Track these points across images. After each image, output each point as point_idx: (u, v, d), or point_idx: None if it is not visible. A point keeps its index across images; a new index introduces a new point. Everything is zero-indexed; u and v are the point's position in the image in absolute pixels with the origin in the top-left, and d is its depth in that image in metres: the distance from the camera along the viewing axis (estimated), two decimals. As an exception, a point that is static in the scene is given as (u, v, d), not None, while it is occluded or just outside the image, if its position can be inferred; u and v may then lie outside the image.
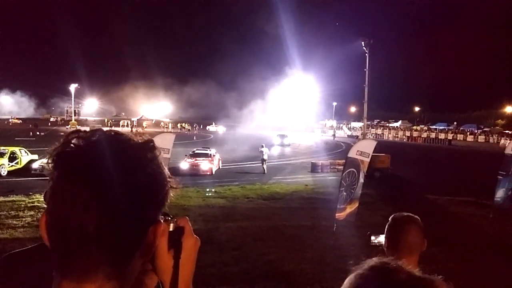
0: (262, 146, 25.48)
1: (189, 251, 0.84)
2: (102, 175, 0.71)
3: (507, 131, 78.53)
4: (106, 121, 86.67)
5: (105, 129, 0.81)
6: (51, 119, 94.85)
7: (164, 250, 0.82)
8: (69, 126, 71.08)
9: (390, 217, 2.28)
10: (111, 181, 0.71)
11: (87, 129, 0.81)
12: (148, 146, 0.80)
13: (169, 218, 0.83)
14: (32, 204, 14.07)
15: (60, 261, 0.73)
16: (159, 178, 0.79)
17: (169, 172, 0.83)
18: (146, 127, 74.67)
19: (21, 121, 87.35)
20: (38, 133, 50.53)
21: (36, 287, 1.02)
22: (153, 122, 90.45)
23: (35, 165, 20.99)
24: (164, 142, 9.67)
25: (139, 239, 0.76)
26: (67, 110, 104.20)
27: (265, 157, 25.35)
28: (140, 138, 0.81)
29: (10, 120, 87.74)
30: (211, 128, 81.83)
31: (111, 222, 0.71)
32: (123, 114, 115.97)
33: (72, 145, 0.75)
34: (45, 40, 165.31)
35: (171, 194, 0.83)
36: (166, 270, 0.82)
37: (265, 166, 25.11)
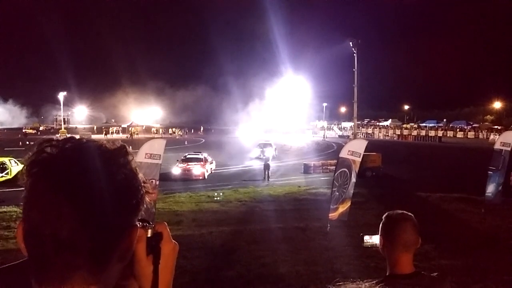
0: (270, 145, 24.98)
1: (167, 256, 0.83)
2: (74, 182, 0.72)
3: (496, 127, 79.28)
4: (95, 128, 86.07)
5: (77, 137, 0.81)
6: (41, 128, 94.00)
7: (143, 256, 0.81)
8: (59, 134, 70.59)
9: (384, 216, 2.29)
10: (83, 187, 0.72)
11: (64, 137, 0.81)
12: (120, 152, 0.80)
13: (147, 224, 0.83)
14: (21, 215, 13.90)
15: (36, 269, 0.73)
16: (132, 183, 0.79)
17: (144, 177, 0.84)
18: (135, 133, 74.06)
19: (35, 130, 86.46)
20: (27, 142, 50.15)
21: None
22: (143, 128, 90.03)
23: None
24: (155, 148, 9.59)
25: (115, 244, 0.76)
26: (56, 118, 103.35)
27: (270, 161, 24.40)
28: (112, 144, 0.81)
29: (24, 130, 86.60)
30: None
31: (84, 228, 0.71)
32: (113, 120, 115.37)
33: (44, 153, 0.75)
34: (34, 48, 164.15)
35: (147, 199, 0.83)
36: (146, 276, 0.82)
37: (268, 174, 23.21)
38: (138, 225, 0.81)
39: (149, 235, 0.82)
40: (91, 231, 0.72)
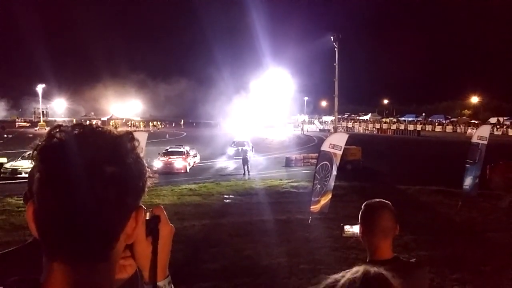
0: (244, 145, 24.76)
1: (165, 238, 0.90)
2: (86, 166, 0.76)
3: (473, 121, 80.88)
4: (74, 121, 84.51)
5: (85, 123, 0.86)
6: (18, 122, 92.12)
7: (142, 237, 0.87)
8: (38, 127, 69.22)
9: (363, 204, 2.37)
10: (94, 171, 0.76)
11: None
12: (127, 137, 0.84)
13: (145, 208, 0.88)
14: (3, 208, 13.70)
15: (49, 248, 0.78)
16: (139, 166, 0.84)
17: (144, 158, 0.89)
18: (114, 127, 73.10)
19: (29, 124, 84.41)
20: (5, 135, 49.15)
21: None
22: (123, 121, 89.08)
23: (4, 168, 20.48)
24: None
25: (123, 224, 0.82)
26: (34, 111, 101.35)
27: (248, 156, 23.87)
28: (119, 131, 0.86)
29: (16, 122, 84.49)
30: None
31: (96, 209, 0.76)
32: (92, 113, 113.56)
33: (55, 139, 0.79)
34: (13, 40, 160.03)
35: (149, 183, 0.88)
36: (145, 257, 0.89)
37: (247, 168, 22.66)
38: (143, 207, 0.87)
39: (147, 218, 0.88)
40: (102, 213, 0.77)
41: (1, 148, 31.76)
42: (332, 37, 40.13)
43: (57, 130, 0.80)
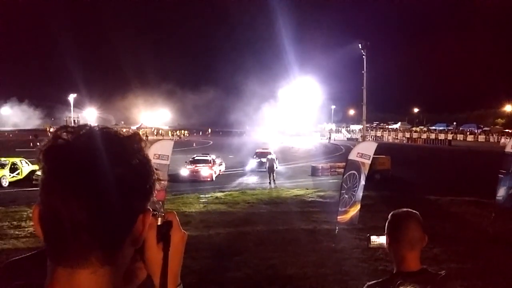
0: (270, 154, 24.67)
1: (177, 244, 0.87)
2: (91, 167, 0.74)
3: (507, 130, 78.61)
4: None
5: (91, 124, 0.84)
6: (51, 130, 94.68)
7: (153, 243, 0.85)
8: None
9: (390, 214, 2.30)
10: (100, 172, 0.74)
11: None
12: (134, 138, 0.83)
13: (157, 213, 0.86)
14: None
15: (53, 251, 0.77)
16: (145, 168, 0.82)
17: (154, 163, 0.86)
18: (146, 135, 74.04)
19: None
20: (38, 143, 50.38)
21: None
22: (153, 130, 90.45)
23: (36, 175, 21.01)
24: (163, 149, 9.71)
25: (129, 226, 0.80)
26: (66, 120, 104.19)
27: (275, 165, 23.49)
28: (125, 131, 0.85)
29: (48, 131, 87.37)
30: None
31: (101, 211, 0.74)
32: (122, 122, 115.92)
33: (61, 139, 0.78)
34: (45, 50, 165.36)
35: (158, 186, 0.86)
36: (156, 263, 0.85)
37: (273, 177, 22.45)
38: (151, 210, 0.85)
39: (159, 223, 0.86)
40: (108, 215, 0.75)
41: (34, 156, 32.76)
42: (360, 45, 39.83)
43: (63, 130, 0.79)
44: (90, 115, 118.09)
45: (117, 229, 0.78)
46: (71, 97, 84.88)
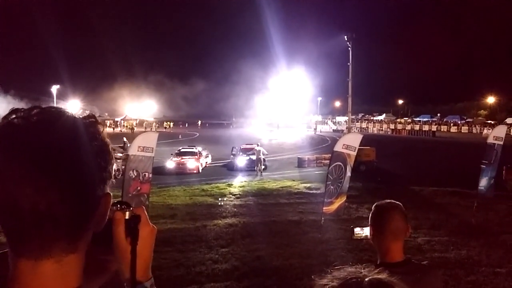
0: (257, 145, 24.72)
1: (145, 238, 0.86)
2: (45, 151, 0.71)
3: (489, 121, 79.70)
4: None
5: (43, 106, 0.79)
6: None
7: (122, 237, 0.84)
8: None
9: (373, 206, 2.32)
10: (54, 156, 0.71)
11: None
12: (89, 121, 0.81)
13: (125, 207, 0.85)
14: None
15: (15, 242, 0.74)
16: (103, 152, 0.81)
17: (110, 142, 0.85)
18: (133, 127, 73.06)
19: None
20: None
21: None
22: (137, 121, 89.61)
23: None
24: (147, 141, 9.59)
25: (91, 212, 0.78)
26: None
27: (262, 156, 23.68)
28: (82, 114, 0.82)
29: None
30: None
31: (63, 199, 0.72)
32: (106, 114, 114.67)
33: (13, 124, 0.73)
34: (27, 41, 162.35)
35: (115, 168, 0.85)
36: (124, 257, 0.84)
37: (260, 168, 22.97)
38: (118, 207, 0.84)
39: (127, 217, 0.85)
40: (69, 202, 0.73)
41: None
42: (345, 37, 39.86)
43: (14, 114, 0.75)
44: (73, 107, 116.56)
45: (80, 217, 0.76)
46: (54, 89, 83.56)
